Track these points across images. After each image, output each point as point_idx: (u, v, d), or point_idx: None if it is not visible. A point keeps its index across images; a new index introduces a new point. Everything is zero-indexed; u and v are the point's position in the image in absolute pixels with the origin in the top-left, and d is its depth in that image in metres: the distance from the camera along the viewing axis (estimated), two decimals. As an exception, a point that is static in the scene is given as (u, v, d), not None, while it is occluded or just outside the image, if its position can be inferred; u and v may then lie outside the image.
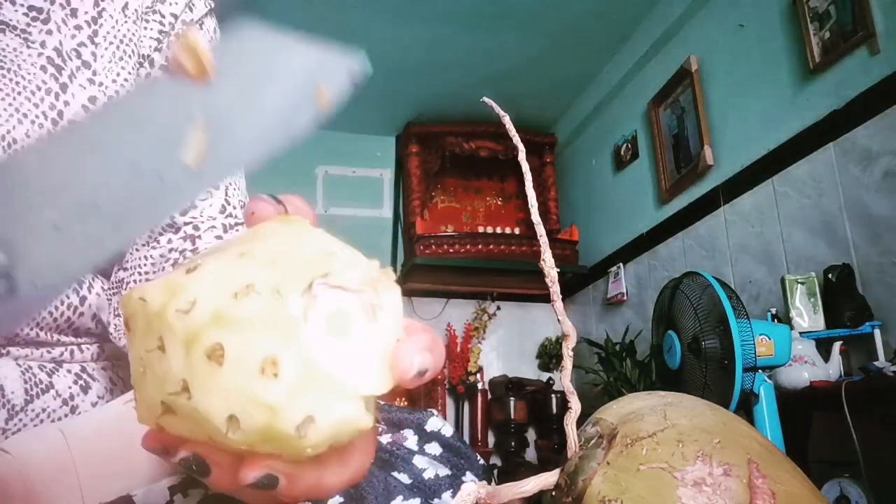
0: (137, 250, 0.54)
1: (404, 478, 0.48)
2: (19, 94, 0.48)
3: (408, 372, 0.25)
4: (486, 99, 0.45)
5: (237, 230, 0.56)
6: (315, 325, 0.23)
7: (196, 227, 0.54)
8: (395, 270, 3.95)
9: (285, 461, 0.24)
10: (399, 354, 0.26)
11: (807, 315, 1.91)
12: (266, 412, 0.22)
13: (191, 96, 0.25)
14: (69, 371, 0.52)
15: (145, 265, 0.55)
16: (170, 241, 0.54)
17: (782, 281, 1.98)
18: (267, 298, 0.23)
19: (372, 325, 0.25)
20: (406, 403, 3.25)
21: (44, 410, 0.48)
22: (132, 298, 0.25)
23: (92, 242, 0.26)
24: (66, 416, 0.49)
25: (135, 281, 0.55)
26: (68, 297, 0.52)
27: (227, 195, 0.57)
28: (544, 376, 3.58)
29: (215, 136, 0.25)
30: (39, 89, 0.49)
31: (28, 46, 0.50)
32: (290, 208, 0.28)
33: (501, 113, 0.43)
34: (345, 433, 0.24)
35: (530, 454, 3.45)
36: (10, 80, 0.48)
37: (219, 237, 0.55)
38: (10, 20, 0.50)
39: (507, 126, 0.43)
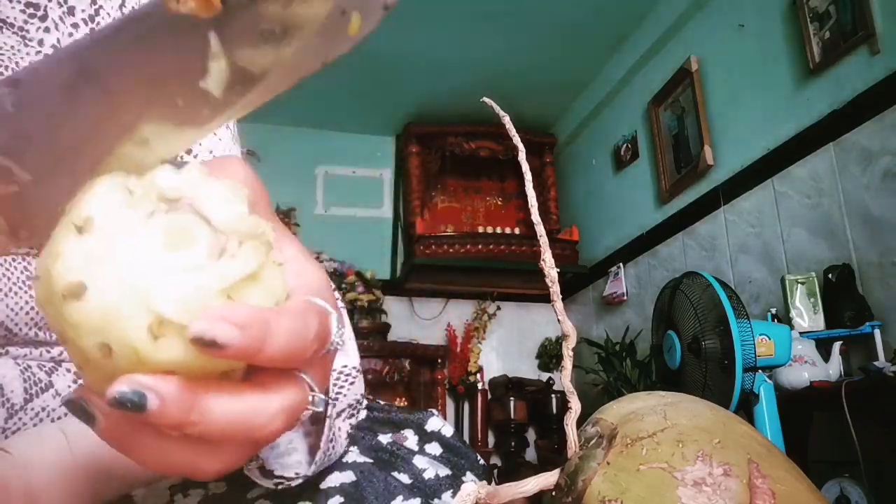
0: None
1: (404, 478, 0.48)
2: None
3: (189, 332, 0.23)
4: (486, 99, 0.45)
5: None
6: (153, 231, 0.24)
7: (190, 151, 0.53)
8: (395, 270, 3.95)
9: (159, 378, 0.22)
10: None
11: (807, 315, 1.91)
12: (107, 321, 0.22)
13: (205, 27, 0.24)
14: (68, 370, 0.52)
15: None
16: None
17: (782, 281, 1.98)
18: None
19: (211, 260, 0.24)
20: (406, 403, 3.25)
21: (43, 409, 0.48)
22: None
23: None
24: (65, 415, 0.49)
25: None
26: None
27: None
28: (544, 376, 3.58)
29: (239, 66, 0.25)
30: None
31: (25, 44, 0.50)
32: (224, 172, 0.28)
33: (501, 113, 0.43)
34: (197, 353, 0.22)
35: (530, 454, 3.45)
36: None
37: None
38: (8, 17, 0.50)
39: (507, 126, 0.43)
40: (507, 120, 0.43)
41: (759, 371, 1.60)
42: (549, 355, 3.69)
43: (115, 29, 0.26)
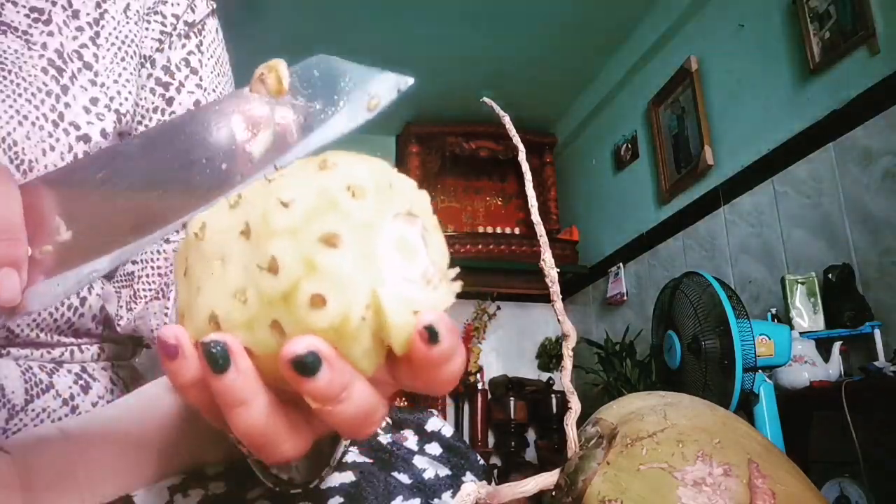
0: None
1: (404, 478, 0.48)
2: (20, 95, 0.48)
3: (420, 322, 0.25)
4: (486, 99, 0.45)
5: None
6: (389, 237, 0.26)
7: None
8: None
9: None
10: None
11: (807, 315, 1.91)
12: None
13: (264, 106, 0.32)
14: (69, 371, 0.52)
15: (158, 259, 0.56)
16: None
17: (782, 281, 1.98)
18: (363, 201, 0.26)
19: (423, 280, 0.26)
20: (406, 404, 3.25)
21: (44, 410, 0.48)
22: (174, 258, 0.29)
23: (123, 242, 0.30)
24: (66, 415, 0.49)
25: (147, 275, 0.56)
26: (69, 299, 0.52)
27: None
28: (544, 376, 3.58)
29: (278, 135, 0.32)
30: (40, 91, 0.49)
31: (29, 48, 0.50)
32: None
33: (501, 113, 0.43)
34: (393, 329, 0.24)
35: (530, 454, 3.45)
36: (11, 81, 0.48)
37: None
38: (12, 21, 0.50)
39: (507, 126, 0.43)
40: (507, 120, 0.43)
41: (759, 371, 1.60)
42: (549, 355, 3.69)
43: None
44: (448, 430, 0.56)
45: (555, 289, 0.40)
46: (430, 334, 0.24)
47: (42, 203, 0.29)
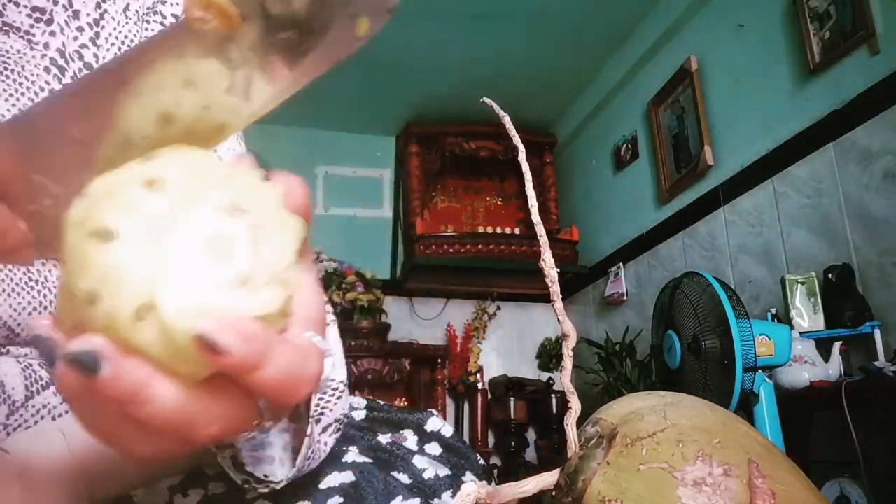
0: None
1: (404, 478, 0.48)
2: (23, 94, 0.48)
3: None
4: (486, 99, 0.45)
5: None
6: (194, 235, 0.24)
7: None
8: (395, 270, 3.94)
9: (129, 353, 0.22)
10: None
11: (807, 315, 1.91)
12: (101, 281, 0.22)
13: (225, 41, 0.26)
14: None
15: None
16: None
17: (782, 281, 1.98)
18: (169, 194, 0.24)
19: (237, 288, 0.24)
20: (406, 404, 3.25)
21: (44, 406, 0.48)
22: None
23: None
24: (66, 412, 0.49)
25: None
26: None
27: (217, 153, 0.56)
28: (544, 376, 3.58)
29: (254, 71, 0.27)
30: (43, 90, 0.49)
31: (31, 48, 0.50)
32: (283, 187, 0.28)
33: (501, 113, 0.43)
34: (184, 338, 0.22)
35: (530, 454, 3.45)
36: (14, 80, 0.48)
37: None
38: (14, 21, 0.50)
39: (507, 126, 0.43)
40: (507, 120, 0.43)
41: (759, 371, 1.60)
42: (549, 355, 3.69)
43: (145, 44, 0.27)
44: (448, 430, 0.56)
45: (555, 289, 0.40)
46: (206, 346, 0.22)
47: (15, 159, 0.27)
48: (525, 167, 0.42)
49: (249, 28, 0.26)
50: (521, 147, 0.43)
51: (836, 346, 1.77)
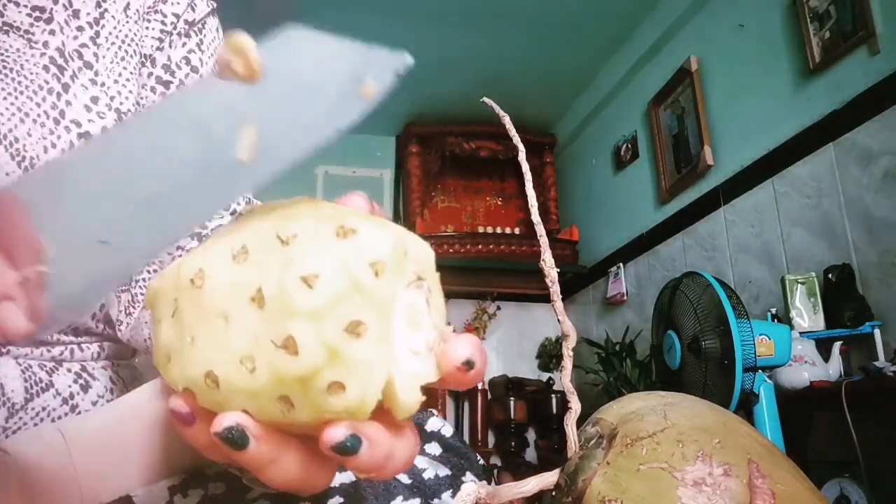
0: None
1: (404, 478, 0.48)
2: (21, 93, 0.48)
3: (457, 360, 0.26)
4: (486, 99, 0.45)
5: None
6: (397, 310, 0.25)
7: (203, 226, 0.54)
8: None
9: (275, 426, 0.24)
10: (452, 344, 0.27)
11: (807, 315, 1.91)
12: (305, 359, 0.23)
13: (240, 95, 0.25)
14: (69, 370, 0.52)
15: (153, 263, 0.56)
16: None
17: (782, 281, 1.98)
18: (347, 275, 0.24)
19: (427, 348, 0.26)
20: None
21: (44, 409, 0.48)
22: (152, 288, 0.27)
23: (138, 250, 0.26)
24: (65, 414, 0.49)
25: (143, 279, 0.56)
26: None
27: None
28: (544, 376, 3.58)
29: (265, 131, 0.26)
30: (42, 89, 0.49)
31: (31, 47, 0.50)
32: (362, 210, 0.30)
33: (501, 113, 0.43)
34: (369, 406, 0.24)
35: (530, 454, 3.45)
36: (13, 79, 0.48)
37: None
38: (14, 21, 0.50)
39: (507, 126, 0.43)
40: (507, 120, 0.43)
41: (759, 371, 1.60)
42: (549, 355, 3.69)
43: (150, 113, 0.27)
44: (448, 430, 0.56)
45: (555, 289, 0.40)
46: (467, 365, 0.26)
47: (19, 218, 0.26)
48: (525, 167, 0.42)
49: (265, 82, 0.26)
50: (521, 147, 0.43)
51: (836, 346, 1.77)
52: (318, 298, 0.23)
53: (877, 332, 1.74)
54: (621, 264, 3.17)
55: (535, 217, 0.42)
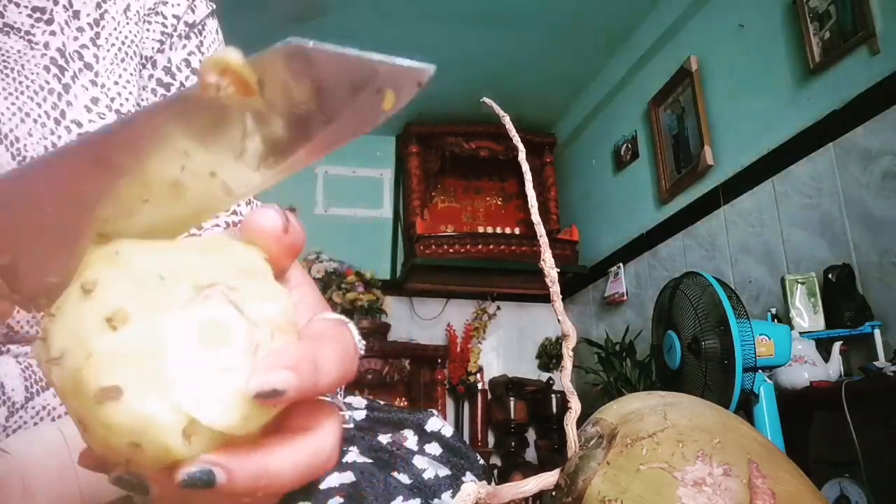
0: None
1: (404, 478, 0.48)
2: (22, 93, 0.48)
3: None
4: (486, 99, 0.45)
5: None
6: (189, 323, 0.23)
7: (199, 227, 0.54)
8: (395, 270, 3.94)
9: (220, 453, 0.23)
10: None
11: (807, 315, 1.91)
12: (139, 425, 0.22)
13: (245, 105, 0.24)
14: (69, 370, 0.52)
15: None
16: None
17: (782, 281, 1.98)
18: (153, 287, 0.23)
19: (246, 358, 0.24)
20: (406, 404, 3.25)
21: (44, 408, 0.48)
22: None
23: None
24: (66, 413, 0.49)
25: None
26: None
27: None
28: (544, 376, 3.58)
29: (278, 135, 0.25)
30: (42, 89, 0.49)
31: (31, 48, 0.50)
32: (290, 227, 0.27)
33: (501, 113, 0.43)
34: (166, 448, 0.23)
35: (530, 454, 3.45)
36: (14, 79, 0.48)
37: None
38: (15, 22, 0.50)
39: (507, 126, 0.43)
40: (507, 120, 0.43)
41: (759, 371, 1.60)
42: (549, 355, 3.69)
43: (139, 117, 0.25)
44: (448, 430, 0.56)
45: (555, 289, 0.40)
46: (268, 396, 0.23)
47: None
48: (525, 167, 0.42)
49: (265, 98, 0.24)
50: (521, 147, 0.43)
51: (836, 346, 1.77)
52: (65, 375, 0.22)
53: (877, 332, 1.74)
54: (621, 264, 3.17)
55: (535, 217, 0.42)
